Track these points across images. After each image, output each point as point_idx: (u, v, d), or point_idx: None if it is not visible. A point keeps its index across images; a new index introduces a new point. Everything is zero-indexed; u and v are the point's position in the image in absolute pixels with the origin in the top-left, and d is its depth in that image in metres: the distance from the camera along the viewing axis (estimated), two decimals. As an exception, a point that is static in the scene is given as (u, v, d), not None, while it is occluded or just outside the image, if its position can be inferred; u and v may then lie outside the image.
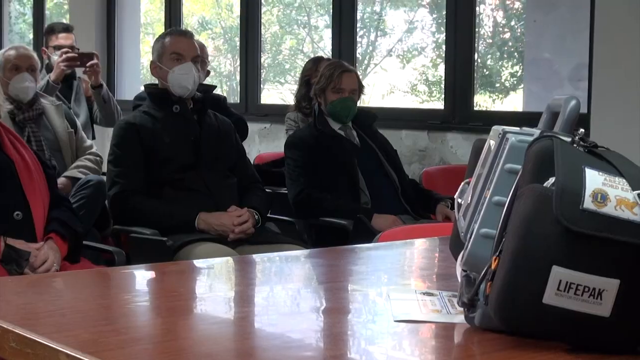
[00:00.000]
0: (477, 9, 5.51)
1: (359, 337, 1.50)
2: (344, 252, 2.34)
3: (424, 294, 1.75)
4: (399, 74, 7.82)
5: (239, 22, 9.39)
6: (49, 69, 5.38)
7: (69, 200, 3.53)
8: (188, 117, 3.99)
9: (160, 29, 9.37)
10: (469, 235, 1.56)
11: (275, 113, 6.26)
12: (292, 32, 9.07)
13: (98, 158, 4.64)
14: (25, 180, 3.25)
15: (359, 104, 4.64)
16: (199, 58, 4.04)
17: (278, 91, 8.61)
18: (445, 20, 5.58)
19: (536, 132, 1.54)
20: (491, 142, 1.67)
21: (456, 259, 1.82)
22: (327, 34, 9.21)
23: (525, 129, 1.60)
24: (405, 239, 2.52)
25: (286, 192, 4.59)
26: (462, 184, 1.82)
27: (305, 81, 4.88)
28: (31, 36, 9.69)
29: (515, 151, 1.51)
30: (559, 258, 1.33)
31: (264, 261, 2.23)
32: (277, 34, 8.68)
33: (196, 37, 4.36)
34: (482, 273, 1.44)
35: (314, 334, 1.52)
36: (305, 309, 1.69)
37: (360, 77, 4.67)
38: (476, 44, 5.53)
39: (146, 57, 8.16)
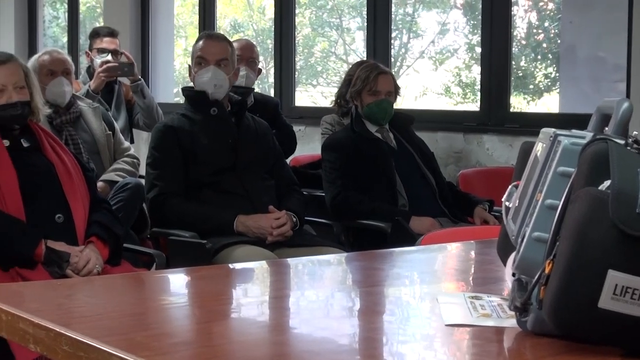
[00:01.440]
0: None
1: (408, 341, 1.49)
2: (386, 255, 2.33)
3: (472, 297, 1.74)
4: (431, 75, 7.80)
5: (270, 24, 9.42)
6: (91, 72, 5.40)
7: (108, 202, 3.55)
8: (226, 120, 4.00)
9: (192, 31, 9.41)
10: (520, 239, 1.55)
11: (310, 115, 6.26)
12: (324, 34, 9.08)
13: (135, 160, 4.66)
14: (66, 183, 3.27)
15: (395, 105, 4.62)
16: (227, 61, 4.02)
17: (309, 94, 8.62)
18: (480, 22, 5.55)
19: (588, 134, 1.53)
20: (541, 145, 1.65)
21: (504, 263, 1.81)
22: (360, 36, 9.22)
23: (576, 132, 1.58)
24: (447, 242, 2.51)
25: (322, 194, 4.58)
26: (510, 187, 1.81)
27: (347, 81, 4.87)
28: (64, 39, 9.76)
29: (568, 154, 1.49)
30: (615, 262, 1.31)
31: (306, 264, 2.23)
32: (309, 37, 8.68)
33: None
34: (536, 277, 1.42)
35: (359, 339, 1.51)
36: (349, 313, 1.68)
37: (393, 79, 4.65)
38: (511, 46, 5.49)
39: (178, 59, 8.19)
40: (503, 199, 1.77)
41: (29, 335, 1.57)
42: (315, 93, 9.04)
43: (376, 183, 4.28)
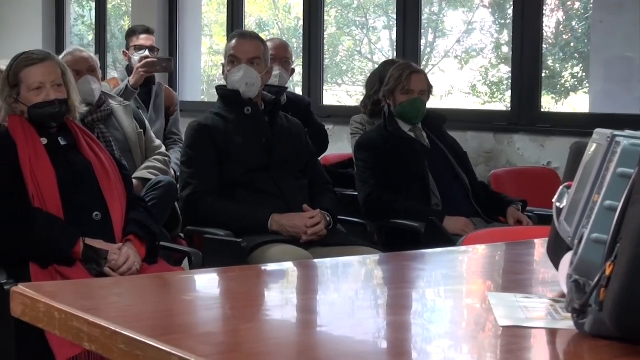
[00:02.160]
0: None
1: (460, 344, 1.48)
2: (429, 255, 2.32)
3: (523, 298, 1.73)
4: (457, 75, 7.79)
5: (296, 23, 9.42)
6: (130, 70, 5.41)
7: (144, 200, 3.56)
8: (259, 119, 4.00)
9: (217, 30, 9.43)
10: (577, 241, 1.54)
11: (338, 114, 6.25)
12: (350, 33, 9.07)
13: (167, 158, 4.66)
14: (103, 181, 3.29)
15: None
16: (259, 59, 4.02)
17: (334, 93, 8.62)
18: (508, 21, 5.52)
19: (645, 135, 1.52)
20: (596, 146, 1.64)
21: (555, 264, 1.80)
22: (385, 35, 9.21)
23: (632, 132, 1.57)
24: (489, 242, 2.50)
25: (353, 193, 4.57)
26: (561, 187, 1.79)
27: (380, 80, 4.86)
28: (90, 37, 9.79)
29: (628, 155, 1.48)
30: (679, 263, 1.30)
31: (350, 264, 2.22)
32: (335, 35, 8.68)
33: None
34: (596, 279, 1.41)
35: (409, 342, 1.50)
36: (397, 315, 1.67)
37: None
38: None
39: (202, 58, 8.20)
40: (554, 200, 1.75)
41: (83, 333, 1.56)
42: (340, 92, 9.03)
43: (409, 182, 4.27)
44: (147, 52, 5.43)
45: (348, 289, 1.93)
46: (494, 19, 7.53)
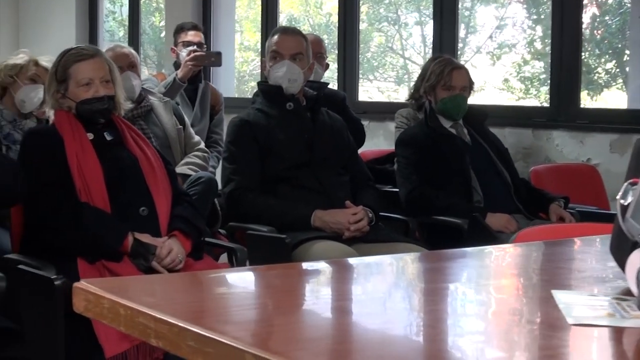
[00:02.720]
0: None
1: (533, 343, 1.46)
2: (485, 253, 2.30)
3: (589, 296, 1.71)
4: (489, 71, 7.76)
5: (327, 19, 9.40)
6: (178, 66, 5.42)
7: (189, 195, 3.56)
8: (301, 114, 3.99)
9: (248, 26, 9.43)
10: (648, 238, 1.52)
11: (373, 110, 6.23)
12: (381, 29, 9.05)
13: (206, 154, 4.67)
14: (149, 176, 3.29)
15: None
16: (302, 55, 4.01)
17: (365, 89, 8.61)
18: (543, 16, 5.48)
19: None
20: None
21: (619, 262, 1.78)
22: (417, 31, 9.18)
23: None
24: (542, 239, 2.48)
25: (391, 189, 4.56)
26: (625, 184, 1.77)
27: (422, 76, 4.84)
28: (121, 34, 9.81)
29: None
30: None
31: (405, 261, 2.21)
32: (366, 31, 8.66)
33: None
34: (672, 277, 1.40)
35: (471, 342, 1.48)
36: (454, 314, 1.66)
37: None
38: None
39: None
40: (618, 197, 1.73)
41: (150, 330, 1.56)
42: (371, 88, 9.02)
43: (451, 179, 4.25)
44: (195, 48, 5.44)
45: (415, 287, 1.91)
46: (529, 15, 7.49)
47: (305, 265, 2.17)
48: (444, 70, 4.37)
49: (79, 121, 3.33)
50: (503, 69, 7.79)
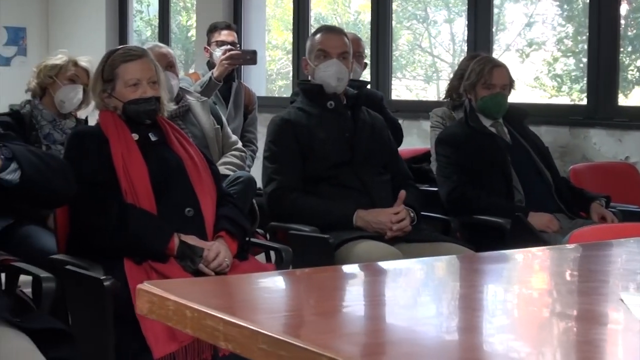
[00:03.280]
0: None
1: (611, 346, 1.44)
2: (542, 253, 2.28)
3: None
4: (518, 68, 7.71)
5: (355, 17, 9.38)
6: (211, 66, 5.42)
7: (233, 196, 3.55)
8: (342, 113, 3.98)
9: (276, 24, 9.42)
10: None
11: (407, 109, 6.20)
12: (410, 27, 9.02)
13: (243, 154, 4.67)
14: (194, 176, 3.28)
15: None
16: (348, 54, 4.00)
17: (392, 87, 8.58)
18: (588, 12, 5.43)
19: None
20: None
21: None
22: (446, 29, 9.15)
23: None
24: (596, 240, 2.45)
25: (428, 188, 4.53)
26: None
27: (460, 75, 4.82)
28: (148, 33, 9.83)
29: None
30: None
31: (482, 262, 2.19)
32: (394, 29, 8.63)
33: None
34: None
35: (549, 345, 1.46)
36: (538, 316, 1.64)
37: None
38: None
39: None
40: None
41: (218, 332, 1.54)
42: (399, 86, 8.99)
43: (492, 178, 4.22)
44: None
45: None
46: (561, 12, 7.44)
47: (374, 267, 2.14)
48: (484, 69, 4.34)
49: (124, 122, 3.33)
50: (532, 66, 7.75)
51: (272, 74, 9.56)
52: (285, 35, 9.12)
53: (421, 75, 9.40)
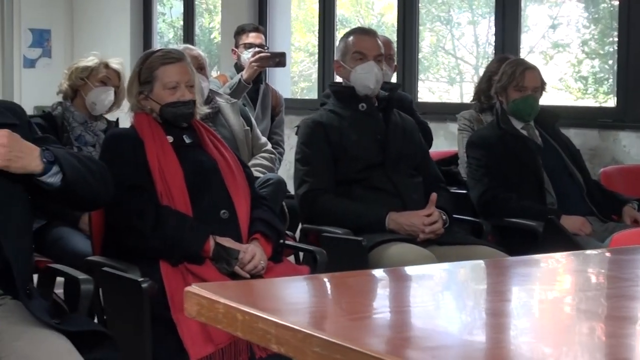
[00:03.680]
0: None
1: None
2: (584, 257, 2.27)
3: None
4: (542, 70, 7.67)
5: (378, 19, 9.36)
6: (239, 68, 5.43)
7: (267, 199, 3.55)
8: (374, 116, 3.97)
9: (299, 26, 9.42)
10: None
11: (433, 111, 6.19)
12: (433, 28, 8.99)
13: (273, 155, 4.67)
14: (229, 179, 3.28)
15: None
16: (382, 56, 4.00)
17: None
18: (617, 14, 5.40)
19: None
20: None
21: None
22: (469, 31, 9.12)
23: None
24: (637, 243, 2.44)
25: (455, 191, 4.52)
26: None
27: (488, 77, 4.80)
28: (170, 35, 9.84)
29: None
30: None
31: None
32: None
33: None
34: None
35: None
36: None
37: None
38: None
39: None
40: None
41: (270, 335, 1.54)
42: (422, 88, 8.96)
43: (524, 181, 4.20)
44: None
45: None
46: (588, 14, 7.41)
47: (422, 270, 2.14)
48: (516, 71, 4.32)
49: (159, 124, 3.33)
50: (556, 68, 7.72)
51: (295, 76, 9.56)
52: (308, 37, 9.12)
53: (444, 77, 9.37)
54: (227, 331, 1.68)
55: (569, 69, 7.66)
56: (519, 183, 4.19)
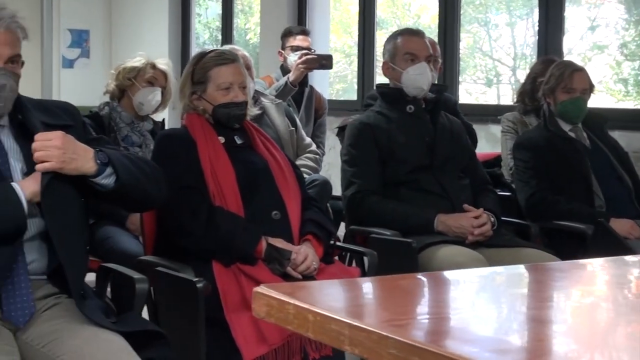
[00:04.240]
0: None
1: None
2: (628, 262, 2.24)
3: None
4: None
5: (415, 20, 9.34)
6: (285, 70, 5.44)
7: (317, 200, 3.55)
8: (422, 118, 3.96)
9: (335, 27, 9.41)
10: None
11: (471, 112, 6.16)
12: (470, 30, 8.96)
13: (317, 156, 4.67)
14: (280, 180, 3.28)
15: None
16: (432, 57, 3.99)
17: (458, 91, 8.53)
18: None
19: None
20: None
21: None
22: (507, 32, 9.07)
23: None
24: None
25: (500, 193, 4.49)
26: None
27: (532, 79, 4.78)
28: (206, 36, 9.87)
29: None
30: None
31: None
32: (455, 33, 8.58)
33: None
34: None
35: None
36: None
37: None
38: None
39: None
40: None
41: (343, 336, 1.54)
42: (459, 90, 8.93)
43: (572, 183, 4.17)
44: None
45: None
46: (628, 16, 7.36)
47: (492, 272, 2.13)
48: (565, 73, 4.29)
49: (210, 125, 3.34)
50: (594, 70, 7.67)
51: (330, 77, 9.56)
52: (344, 38, 9.11)
53: (481, 79, 9.34)
54: (298, 332, 1.67)
55: (608, 71, 7.61)
56: (567, 185, 4.17)
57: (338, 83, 9.61)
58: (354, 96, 7.47)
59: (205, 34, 10.09)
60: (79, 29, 9.09)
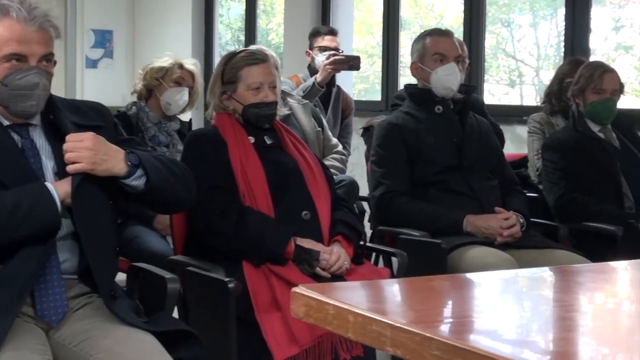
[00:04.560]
0: None
1: None
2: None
3: None
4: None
5: (438, 20, 9.30)
6: (312, 70, 5.43)
7: (346, 200, 3.54)
8: (450, 118, 3.94)
9: (357, 28, 9.39)
10: None
11: (495, 113, 6.13)
12: (493, 30, 8.92)
13: (344, 157, 4.67)
14: (310, 180, 3.28)
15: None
16: (461, 57, 3.97)
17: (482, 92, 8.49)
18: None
19: None
20: None
21: None
22: (530, 33, 9.03)
23: None
24: None
25: (527, 194, 4.47)
26: None
27: (559, 79, 4.76)
28: (228, 36, 9.87)
29: None
30: None
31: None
32: (477, 33, 8.54)
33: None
34: None
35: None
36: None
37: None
38: None
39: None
40: None
41: (385, 337, 1.53)
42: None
43: (601, 184, 4.15)
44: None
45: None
46: (653, 16, 7.31)
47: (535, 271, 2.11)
48: (594, 73, 4.26)
49: (240, 125, 3.33)
50: (619, 71, 7.62)
51: (352, 77, 9.55)
52: (366, 38, 9.09)
53: (504, 79, 9.30)
54: (338, 332, 1.67)
55: (633, 72, 7.56)
56: (597, 186, 4.14)
57: (360, 83, 9.60)
58: (375, 97, 7.46)
59: (227, 34, 10.10)
60: (103, 29, 9.11)
